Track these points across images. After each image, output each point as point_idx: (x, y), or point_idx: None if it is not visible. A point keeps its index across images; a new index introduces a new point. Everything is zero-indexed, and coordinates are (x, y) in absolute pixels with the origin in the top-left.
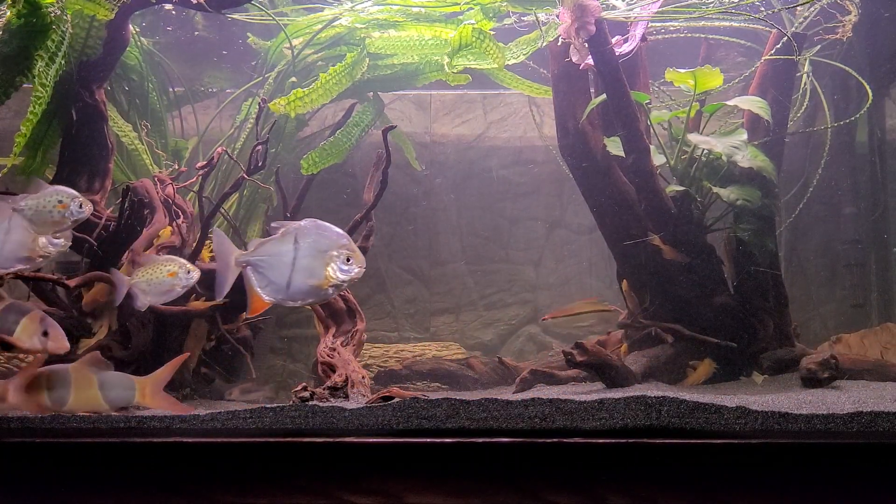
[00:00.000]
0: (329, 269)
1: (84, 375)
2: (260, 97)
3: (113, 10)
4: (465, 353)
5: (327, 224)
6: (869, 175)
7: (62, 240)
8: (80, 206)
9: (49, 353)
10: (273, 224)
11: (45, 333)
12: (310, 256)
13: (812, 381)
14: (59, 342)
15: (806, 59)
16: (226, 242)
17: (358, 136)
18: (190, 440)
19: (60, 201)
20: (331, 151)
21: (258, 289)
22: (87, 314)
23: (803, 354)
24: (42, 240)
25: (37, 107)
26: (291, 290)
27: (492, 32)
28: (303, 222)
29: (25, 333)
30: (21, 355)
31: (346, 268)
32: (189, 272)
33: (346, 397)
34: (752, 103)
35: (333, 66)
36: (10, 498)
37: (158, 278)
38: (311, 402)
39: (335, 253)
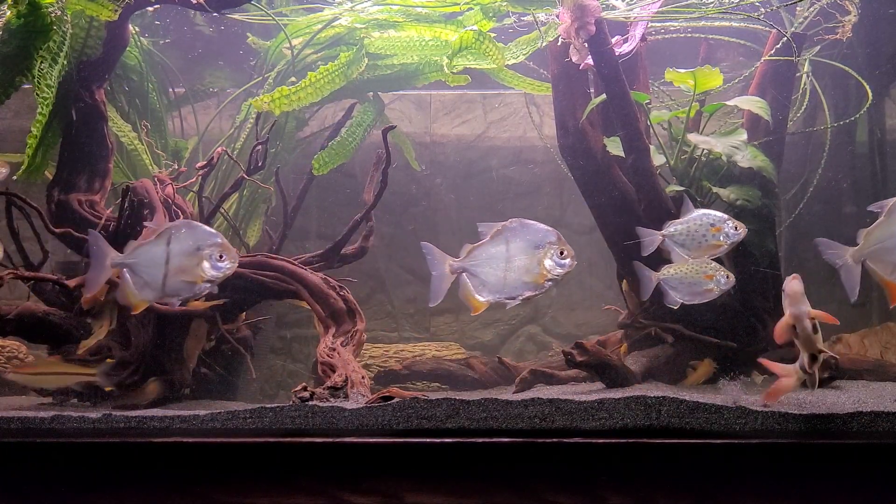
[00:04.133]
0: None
1: None
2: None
3: (116, 10)
4: (465, 353)
5: None
6: (869, 175)
7: (228, 262)
8: (736, 229)
9: None
10: None
11: None
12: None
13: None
14: None
15: (806, 60)
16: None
17: (361, 135)
18: (190, 440)
19: (713, 224)
20: (339, 151)
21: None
22: (87, 314)
23: None
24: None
25: (44, 108)
26: None
27: (492, 34)
28: None
29: None
30: (20, 355)
31: None
32: (727, 277)
33: (346, 397)
34: (752, 103)
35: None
36: (10, 498)
37: (693, 277)
38: (310, 402)
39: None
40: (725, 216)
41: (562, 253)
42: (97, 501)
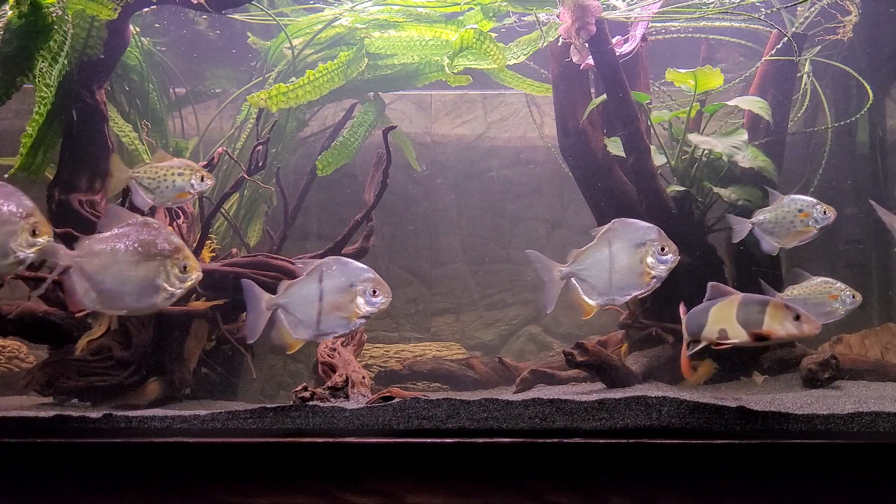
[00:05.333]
0: None
1: None
2: None
3: (116, 10)
4: (465, 354)
5: None
6: (870, 175)
7: (382, 297)
8: (825, 213)
9: (803, 336)
10: None
11: (797, 318)
12: None
13: (813, 381)
14: (813, 325)
15: (806, 60)
16: None
17: (363, 135)
18: (190, 440)
19: (801, 210)
20: (342, 151)
21: None
22: (87, 314)
23: (804, 355)
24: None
25: (42, 107)
26: None
27: (493, 35)
28: None
29: (776, 322)
30: (21, 355)
31: None
32: (853, 297)
33: (347, 397)
34: (753, 103)
35: None
36: (10, 498)
37: (818, 298)
38: (311, 403)
39: None
40: (814, 200)
41: (663, 249)
42: (97, 501)
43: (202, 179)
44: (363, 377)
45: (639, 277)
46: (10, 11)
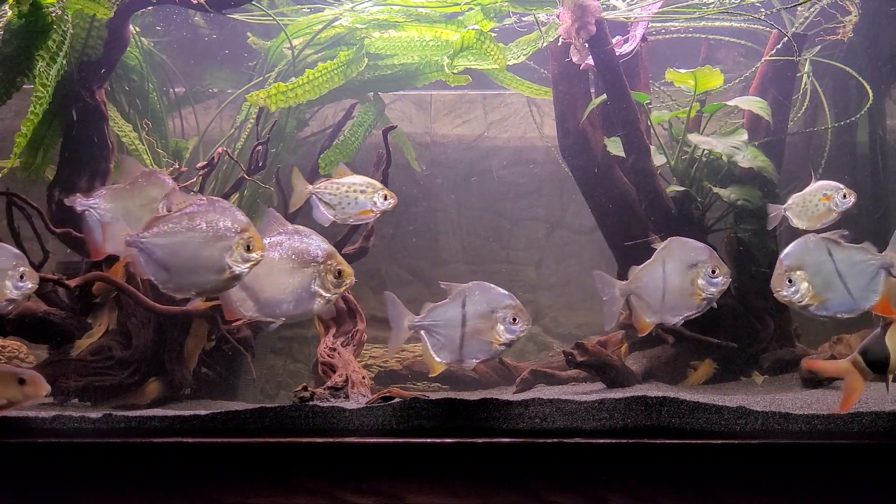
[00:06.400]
0: None
1: None
2: None
3: (112, 8)
4: None
5: None
6: (870, 175)
7: (522, 325)
8: (845, 197)
9: None
10: None
11: None
12: None
13: (812, 381)
14: None
15: (806, 60)
16: None
17: (363, 134)
18: (190, 440)
19: (825, 194)
20: (343, 150)
21: None
22: (87, 314)
23: (804, 355)
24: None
25: (38, 107)
26: None
27: (492, 34)
28: None
29: None
30: (21, 355)
31: None
32: None
33: (347, 397)
34: (753, 104)
35: None
36: (10, 498)
37: None
38: (311, 403)
39: None
40: (838, 185)
41: (713, 271)
42: (97, 501)
43: (385, 199)
44: (363, 377)
45: (689, 298)
46: (10, 11)
